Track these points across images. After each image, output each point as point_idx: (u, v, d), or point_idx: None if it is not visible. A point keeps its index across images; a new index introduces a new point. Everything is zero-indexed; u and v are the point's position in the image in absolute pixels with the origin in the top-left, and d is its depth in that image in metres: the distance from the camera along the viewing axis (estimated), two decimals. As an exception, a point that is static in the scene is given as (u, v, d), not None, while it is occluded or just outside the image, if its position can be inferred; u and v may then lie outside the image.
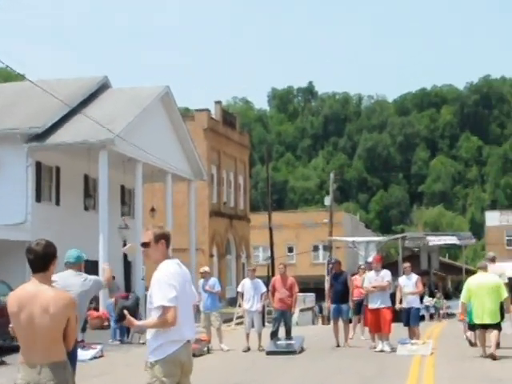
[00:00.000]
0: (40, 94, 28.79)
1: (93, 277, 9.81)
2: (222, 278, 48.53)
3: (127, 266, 35.76)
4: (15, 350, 7.65)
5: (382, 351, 18.33)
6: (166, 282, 6.75)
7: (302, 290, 52.14)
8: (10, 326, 6.24)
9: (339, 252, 60.21)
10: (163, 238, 6.98)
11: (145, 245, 7.00)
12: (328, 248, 57.75)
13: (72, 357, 8.51)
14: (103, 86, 36.96)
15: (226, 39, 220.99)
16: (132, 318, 7.00)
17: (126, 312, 7.05)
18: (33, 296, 5.93)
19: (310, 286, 54.49)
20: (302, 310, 42.89)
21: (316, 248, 71.82)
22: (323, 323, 40.13)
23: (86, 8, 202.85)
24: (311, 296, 47.14)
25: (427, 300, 43.22)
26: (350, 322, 21.89)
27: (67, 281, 9.25)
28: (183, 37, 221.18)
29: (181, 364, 6.80)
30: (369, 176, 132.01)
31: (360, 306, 21.69)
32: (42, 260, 6.07)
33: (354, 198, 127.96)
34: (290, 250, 73.66)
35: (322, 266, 53.04)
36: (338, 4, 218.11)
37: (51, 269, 6.15)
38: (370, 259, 21.80)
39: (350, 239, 50.64)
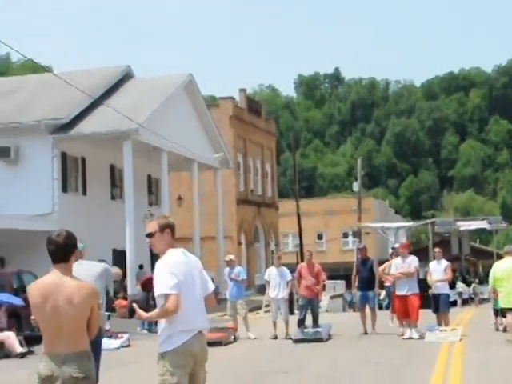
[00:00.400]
0: (64, 85, 28.78)
1: (99, 265, 9.75)
2: (250, 266, 48.54)
3: (154, 256, 35.70)
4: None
5: (410, 338, 18.08)
6: (167, 270, 6.68)
7: (331, 277, 52.20)
8: (32, 317, 6.22)
9: (369, 238, 59.87)
10: (168, 227, 6.92)
11: (150, 235, 6.94)
12: (357, 234, 57.48)
13: (96, 345, 8.43)
14: (126, 76, 36.96)
15: (252, 26, 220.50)
16: (141, 311, 6.87)
17: (135, 305, 7.01)
18: (56, 286, 5.94)
19: (340, 272, 54.31)
20: (332, 297, 42.75)
21: (345, 235, 71.50)
22: (354, 310, 39.94)
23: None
24: (341, 283, 46.95)
25: (460, 286, 42.96)
26: (381, 307, 21.61)
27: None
28: (208, 24, 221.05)
29: (192, 354, 6.66)
30: (398, 161, 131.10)
31: None
32: (63, 251, 6.06)
33: (383, 183, 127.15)
34: (320, 237, 73.38)
35: (352, 253, 52.70)
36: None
37: (72, 259, 6.15)
38: (397, 245, 21.49)
39: (380, 225, 50.38)
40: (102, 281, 9.57)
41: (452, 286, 33.16)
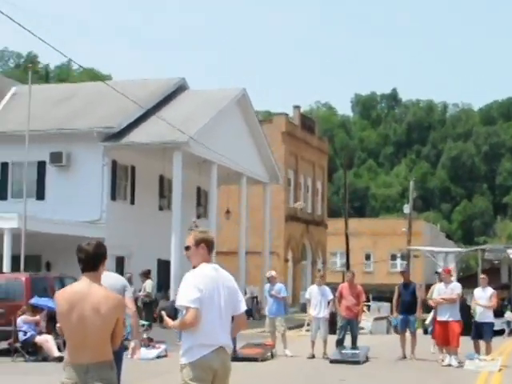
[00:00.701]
0: (118, 94, 29.10)
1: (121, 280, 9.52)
2: (296, 283, 48.43)
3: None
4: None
5: (449, 365, 17.79)
6: (192, 283, 6.76)
7: (377, 299, 51.72)
8: (58, 325, 6.26)
9: (417, 261, 59.39)
10: (203, 242, 6.98)
11: (187, 248, 7.03)
12: (406, 257, 56.99)
13: (118, 355, 8.42)
14: (180, 88, 37.21)
15: (312, 43, 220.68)
16: (167, 319, 6.98)
17: (163, 313, 7.20)
18: (84, 295, 5.92)
19: (386, 294, 53.71)
20: (376, 319, 42.31)
21: (394, 257, 70.86)
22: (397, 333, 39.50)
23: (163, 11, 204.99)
24: (387, 305, 46.46)
25: (508, 315, 42.19)
26: (426, 332, 21.08)
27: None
28: (268, 41, 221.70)
29: (211, 369, 6.69)
30: (452, 185, 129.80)
31: None
32: (93, 260, 6.07)
33: (436, 207, 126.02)
34: (368, 257, 72.90)
35: (400, 275, 52.23)
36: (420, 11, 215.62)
37: (101, 269, 6.15)
38: (440, 270, 21.20)
39: (429, 249, 49.88)
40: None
41: (500, 314, 32.59)
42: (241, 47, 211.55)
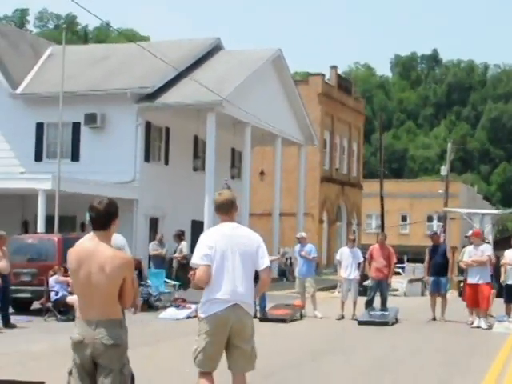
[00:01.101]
0: (152, 55, 29.08)
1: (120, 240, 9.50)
2: (331, 245, 48.45)
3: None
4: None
5: (478, 327, 17.74)
6: (203, 242, 7.15)
7: (413, 261, 51.69)
8: (70, 281, 6.37)
9: (454, 223, 59.01)
10: (215, 203, 7.44)
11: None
12: (442, 219, 56.67)
13: None
14: (215, 48, 37.01)
15: (351, 3, 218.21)
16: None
17: (191, 272, 7.30)
18: (91, 253, 5.97)
19: (422, 256, 53.60)
20: (410, 281, 42.28)
21: (430, 218, 70.44)
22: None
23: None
24: (421, 267, 46.33)
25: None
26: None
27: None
28: (305, 1, 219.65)
29: (225, 325, 6.96)
30: (492, 147, 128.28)
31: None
32: (104, 218, 6.08)
33: (475, 169, 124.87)
34: (404, 219, 72.64)
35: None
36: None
37: (112, 228, 6.17)
38: (469, 233, 21.02)
39: (465, 211, 49.47)
40: None
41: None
42: (280, 8, 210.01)
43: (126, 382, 5.99)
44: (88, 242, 6.08)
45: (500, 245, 23.68)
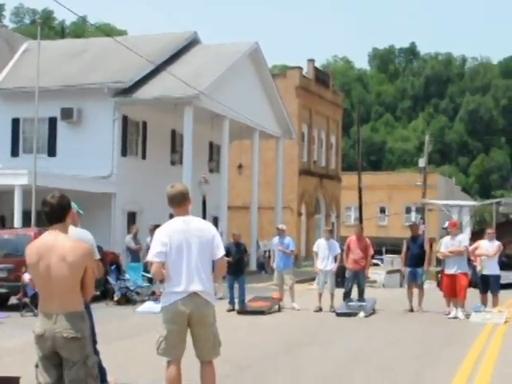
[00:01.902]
0: (129, 49, 29.00)
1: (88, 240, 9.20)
2: (309, 237, 48.46)
3: (214, 222, 35.86)
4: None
5: (455, 318, 17.84)
6: (157, 239, 7.42)
7: (391, 252, 51.79)
8: (29, 277, 6.39)
9: (432, 215, 59.09)
10: (168, 199, 7.55)
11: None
12: (421, 210, 56.87)
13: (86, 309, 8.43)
14: (192, 42, 37.00)
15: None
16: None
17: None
18: (50, 246, 6.02)
19: (400, 248, 53.80)
20: (388, 273, 42.43)
21: (408, 210, 70.79)
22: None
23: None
24: (400, 258, 46.52)
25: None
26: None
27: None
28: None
29: (183, 312, 7.25)
30: (470, 139, 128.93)
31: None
32: (58, 211, 6.17)
33: (453, 161, 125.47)
34: (382, 211, 72.94)
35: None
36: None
37: (68, 220, 6.26)
38: (446, 224, 21.13)
39: (443, 202, 49.67)
40: None
41: (512, 267, 32.49)
42: (257, 1, 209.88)
43: (92, 373, 6.01)
44: (47, 236, 6.13)
45: (478, 236, 23.72)
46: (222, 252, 7.53)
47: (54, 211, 6.14)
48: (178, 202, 7.49)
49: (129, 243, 25.28)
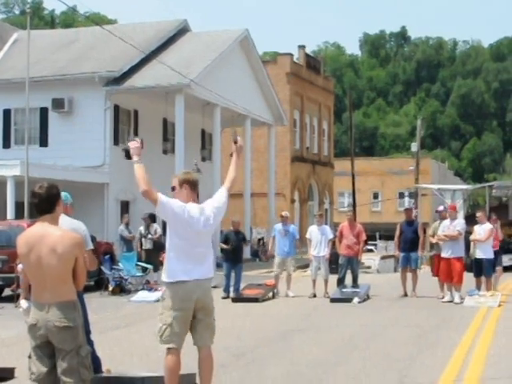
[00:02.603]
0: (119, 38, 28.92)
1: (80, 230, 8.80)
2: (303, 224, 48.44)
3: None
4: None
5: (449, 301, 17.87)
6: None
7: (385, 238, 51.89)
8: (20, 266, 6.39)
9: (425, 200, 59.26)
10: (186, 182, 7.65)
11: (173, 188, 7.73)
12: (414, 195, 56.94)
13: (79, 297, 8.40)
14: (182, 30, 36.91)
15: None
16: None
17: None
18: (40, 237, 6.00)
19: (394, 233, 53.87)
20: (382, 258, 42.55)
21: (402, 195, 70.85)
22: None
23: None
24: (394, 243, 46.61)
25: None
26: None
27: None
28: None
29: (191, 298, 7.26)
30: (462, 123, 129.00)
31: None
32: (47, 202, 6.13)
33: (446, 145, 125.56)
34: (376, 196, 73.01)
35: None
36: None
37: (58, 210, 6.22)
38: (441, 208, 21.09)
39: (436, 187, 49.78)
40: None
41: (508, 250, 32.55)
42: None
43: (84, 363, 6.00)
44: (37, 227, 6.10)
45: (472, 220, 23.76)
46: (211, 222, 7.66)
47: (43, 202, 6.09)
48: (194, 189, 7.66)
49: (122, 232, 25.23)
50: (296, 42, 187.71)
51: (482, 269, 18.81)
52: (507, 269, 27.84)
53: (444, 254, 18.42)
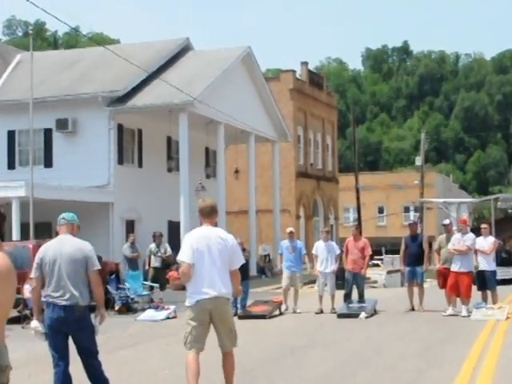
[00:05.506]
0: (122, 58, 29.00)
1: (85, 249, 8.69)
2: (308, 240, 48.40)
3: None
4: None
5: (453, 315, 17.78)
6: (187, 241, 8.51)
7: (391, 252, 51.75)
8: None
9: (431, 213, 59.32)
10: (199, 211, 8.75)
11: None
12: (419, 209, 56.94)
13: (86, 321, 8.45)
14: (185, 49, 37.04)
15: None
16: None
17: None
18: None
19: (400, 247, 53.78)
20: (389, 273, 42.50)
21: (407, 209, 70.81)
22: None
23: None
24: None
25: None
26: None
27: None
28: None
29: (205, 309, 8.30)
30: (466, 136, 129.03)
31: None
32: None
33: (450, 158, 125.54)
34: (381, 211, 72.93)
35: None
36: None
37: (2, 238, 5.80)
38: (447, 222, 21.02)
39: (442, 200, 49.86)
40: (83, 266, 8.55)
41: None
42: (249, 6, 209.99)
43: None
44: None
45: (477, 233, 23.74)
46: (238, 264, 8.63)
47: None
48: (208, 214, 8.67)
49: (125, 251, 25.14)
50: (298, 59, 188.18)
51: (484, 281, 18.75)
52: (510, 281, 27.82)
53: (453, 268, 18.33)
